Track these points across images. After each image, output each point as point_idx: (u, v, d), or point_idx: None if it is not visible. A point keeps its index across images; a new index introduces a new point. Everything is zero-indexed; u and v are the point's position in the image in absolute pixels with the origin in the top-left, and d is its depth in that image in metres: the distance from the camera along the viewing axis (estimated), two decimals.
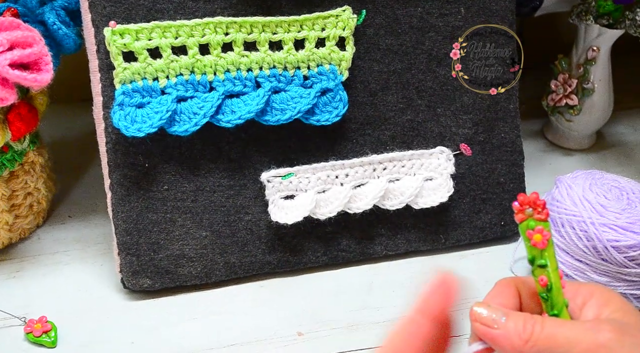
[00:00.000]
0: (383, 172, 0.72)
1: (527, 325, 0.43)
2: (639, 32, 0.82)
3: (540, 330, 0.43)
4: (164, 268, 0.69)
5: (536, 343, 0.43)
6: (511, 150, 0.77)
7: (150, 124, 0.65)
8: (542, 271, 0.44)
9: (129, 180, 0.67)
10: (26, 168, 0.73)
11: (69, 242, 0.76)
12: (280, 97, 0.69)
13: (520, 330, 0.43)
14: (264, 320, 0.68)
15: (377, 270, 0.74)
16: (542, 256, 0.44)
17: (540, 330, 0.43)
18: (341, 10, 0.69)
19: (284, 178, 0.70)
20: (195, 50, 0.66)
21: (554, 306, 0.45)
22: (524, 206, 0.43)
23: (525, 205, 0.43)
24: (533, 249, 0.44)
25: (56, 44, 0.70)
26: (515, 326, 0.43)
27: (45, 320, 0.66)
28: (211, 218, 0.70)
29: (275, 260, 0.72)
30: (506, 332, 0.43)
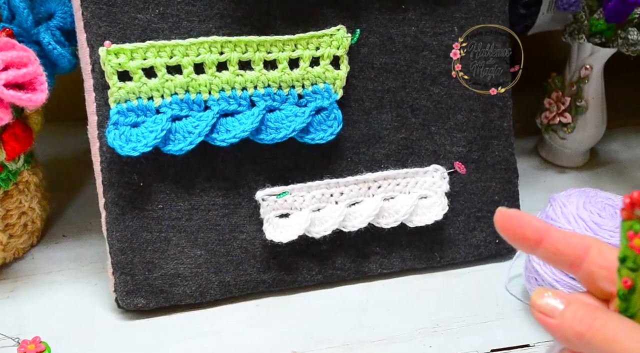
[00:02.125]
0: (378, 190, 0.73)
1: (586, 318, 0.39)
2: (631, 50, 0.83)
3: (599, 328, 0.38)
4: (159, 288, 0.69)
5: (591, 341, 0.38)
6: (505, 168, 0.77)
7: (145, 143, 0.65)
8: (629, 273, 0.40)
9: (123, 199, 0.67)
10: (20, 187, 0.73)
11: (63, 262, 0.76)
12: (274, 116, 0.69)
13: (577, 322, 0.39)
14: (259, 339, 0.68)
15: (372, 288, 0.74)
16: (635, 260, 0.40)
17: (599, 328, 0.38)
18: (335, 30, 0.69)
19: (279, 196, 0.70)
20: (190, 69, 0.66)
21: (629, 308, 0.41)
22: (634, 206, 0.41)
23: (636, 205, 0.41)
24: (628, 250, 0.40)
25: (51, 64, 0.70)
26: (572, 317, 0.39)
27: (39, 341, 0.65)
28: (206, 237, 0.70)
29: (270, 279, 0.72)
30: (562, 321, 0.39)
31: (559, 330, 0.39)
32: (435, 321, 0.70)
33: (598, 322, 0.38)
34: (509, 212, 0.42)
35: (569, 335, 0.39)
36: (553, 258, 0.43)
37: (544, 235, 0.42)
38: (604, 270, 0.41)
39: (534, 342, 0.68)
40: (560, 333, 0.39)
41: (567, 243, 0.42)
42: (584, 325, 0.38)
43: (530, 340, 0.68)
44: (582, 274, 0.42)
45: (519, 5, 0.87)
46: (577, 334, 0.38)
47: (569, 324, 0.39)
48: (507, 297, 0.73)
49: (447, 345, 0.68)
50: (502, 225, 0.42)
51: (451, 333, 0.69)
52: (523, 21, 0.90)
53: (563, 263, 0.43)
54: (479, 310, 0.72)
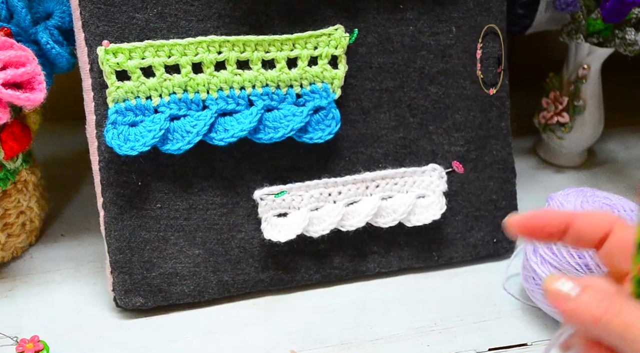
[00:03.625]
0: (376, 189, 0.73)
1: (603, 302, 0.38)
2: (629, 50, 0.83)
3: (617, 313, 0.38)
4: (157, 287, 0.69)
5: (609, 325, 0.38)
6: (503, 167, 0.77)
7: (143, 143, 0.65)
8: None
9: (121, 199, 0.67)
10: (19, 187, 0.73)
11: (61, 261, 0.76)
12: (273, 115, 0.69)
13: (594, 306, 0.38)
14: (257, 339, 0.68)
15: (370, 287, 0.74)
16: None
17: (616, 313, 0.38)
18: (333, 29, 0.69)
19: (277, 196, 0.70)
20: (188, 68, 0.66)
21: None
22: None
23: None
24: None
25: (49, 63, 0.71)
26: (589, 301, 0.38)
27: (37, 340, 0.65)
28: (204, 236, 0.70)
29: (268, 278, 0.72)
30: (578, 306, 0.39)
31: (575, 314, 0.38)
32: (433, 320, 0.70)
33: (615, 307, 0.38)
34: (520, 215, 0.42)
35: (585, 320, 0.38)
36: (577, 242, 0.43)
37: (569, 225, 0.42)
38: (623, 250, 0.41)
39: (531, 341, 0.68)
40: (576, 317, 0.39)
41: (591, 227, 0.42)
42: (601, 309, 0.38)
43: (527, 339, 0.68)
44: (602, 253, 0.42)
45: (517, 5, 0.88)
46: (594, 318, 0.38)
47: (585, 308, 0.38)
48: (505, 296, 0.73)
49: (445, 344, 0.68)
50: (522, 229, 0.43)
51: (449, 332, 0.69)
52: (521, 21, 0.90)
53: (586, 244, 0.43)
54: (477, 310, 0.72)
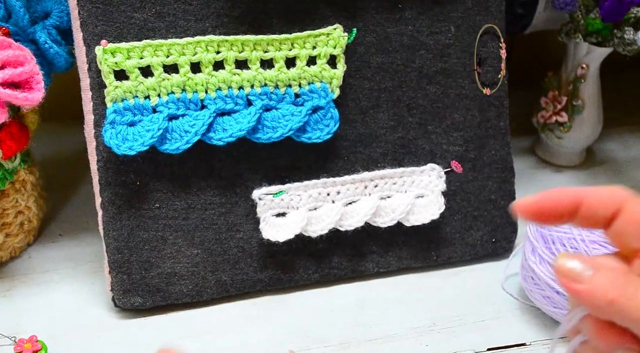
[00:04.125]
0: (374, 189, 0.73)
1: (617, 284, 0.37)
2: (628, 49, 0.83)
3: (632, 295, 0.36)
4: (155, 287, 0.69)
5: (624, 308, 0.36)
6: (502, 167, 0.77)
7: (142, 142, 0.65)
8: None
9: (120, 199, 0.67)
10: (17, 186, 0.73)
11: (59, 261, 0.76)
12: (271, 115, 0.69)
13: (608, 288, 0.37)
14: (255, 338, 0.68)
15: (369, 287, 0.74)
16: None
17: (632, 294, 0.36)
18: (332, 29, 0.69)
19: (276, 195, 0.70)
20: (187, 68, 0.66)
21: None
22: None
23: None
24: None
25: (47, 63, 0.70)
26: (603, 283, 0.37)
27: (35, 340, 0.65)
28: (202, 236, 0.70)
29: (267, 278, 0.72)
30: (592, 287, 0.37)
31: (589, 296, 0.37)
32: (432, 320, 0.70)
33: (631, 289, 0.37)
34: (528, 198, 0.40)
35: (599, 302, 0.37)
36: (587, 222, 0.41)
37: (580, 204, 0.40)
38: (634, 227, 0.39)
39: (530, 341, 0.68)
40: (589, 300, 0.37)
41: (602, 205, 0.40)
42: (616, 291, 0.36)
43: (526, 339, 0.68)
44: (613, 231, 0.40)
45: (516, 5, 0.88)
46: (609, 301, 0.36)
47: (600, 290, 0.37)
48: (504, 295, 0.73)
49: (444, 343, 0.68)
50: (532, 213, 0.40)
51: (448, 332, 0.69)
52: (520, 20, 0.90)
53: (597, 224, 0.41)
54: (476, 309, 0.72)
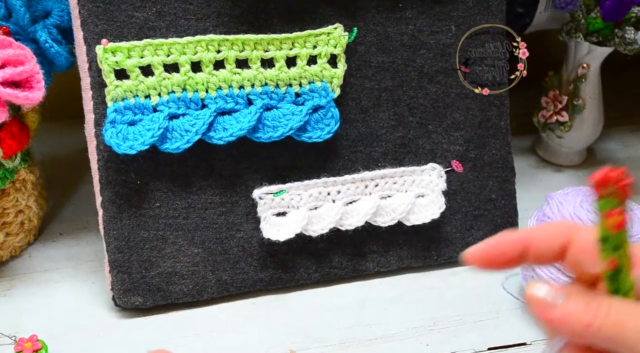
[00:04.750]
0: (375, 188, 0.73)
1: (590, 306, 0.37)
2: (628, 49, 0.83)
3: (607, 315, 0.36)
4: (156, 286, 0.69)
5: (601, 329, 0.36)
6: (502, 166, 0.77)
7: (142, 142, 0.65)
8: (612, 253, 0.38)
9: (120, 198, 0.67)
10: (17, 186, 0.73)
11: (60, 260, 0.76)
12: (272, 114, 0.69)
13: (582, 312, 0.36)
14: (256, 338, 0.68)
15: (369, 286, 0.74)
16: (616, 238, 0.38)
17: (606, 314, 0.36)
18: (333, 28, 0.69)
19: (276, 195, 0.70)
20: (187, 67, 0.66)
21: (619, 289, 0.39)
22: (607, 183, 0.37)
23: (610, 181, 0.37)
24: (607, 230, 0.38)
25: (48, 62, 0.70)
26: (576, 308, 0.37)
27: (35, 339, 0.65)
28: (203, 235, 0.70)
29: (267, 277, 0.72)
30: (566, 314, 0.37)
31: (564, 323, 0.37)
32: (432, 319, 0.70)
33: (603, 309, 0.36)
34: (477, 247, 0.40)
35: (575, 327, 0.37)
36: (539, 259, 0.41)
37: (527, 245, 0.40)
38: (588, 254, 0.39)
39: (530, 340, 0.68)
40: (565, 327, 0.37)
41: (549, 241, 0.40)
42: (590, 314, 0.36)
43: (526, 339, 0.68)
44: (568, 262, 0.41)
45: (517, 4, 0.87)
46: (585, 325, 0.36)
47: (574, 315, 0.37)
48: (504, 295, 0.73)
49: (444, 343, 0.68)
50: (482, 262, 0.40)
51: (448, 331, 0.69)
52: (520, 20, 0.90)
53: (549, 260, 0.41)
54: (476, 309, 0.72)
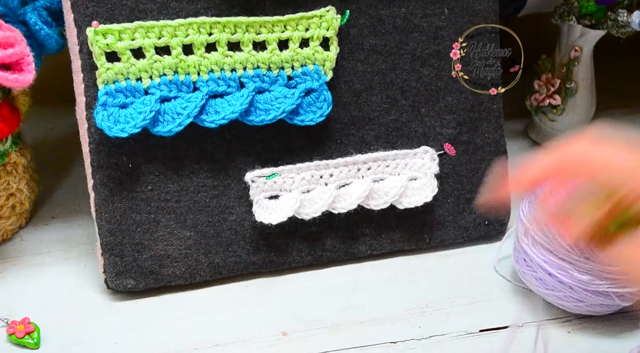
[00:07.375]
0: (367, 172, 0.73)
1: None
2: (621, 32, 0.83)
3: None
4: (148, 269, 0.69)
5: None
6: (495, 150, 0.77)
7: (134, 125, 0.65)
8: None
9: (112, 181, 0.67)
10: (8, 169, 0.73)
11: (52, 243, 0.76)
12: (264, 98, 0.68)
13: None
14: (248, 320, 0.68)
15: (362, 269, 0.74)
16: None
17: None
18: (325, 11, 0.69)
19: (268, 178, 0.70)
20: (179, 50, 0.66)
21: None
22: None
23: None
24: None
25: (38, 45, 0.70)
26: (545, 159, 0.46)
27: (28, 322, 0.65)
28: (195, 218, 0.69)
29: (260, 260, 0.72)
30: None
31: None
32: (424, 302, 0.70)
33: None
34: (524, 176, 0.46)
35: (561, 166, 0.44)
36: None
37: None
38: None
39: (522, 322, 0.68)
40: None
41: None
42: None
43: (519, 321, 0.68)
44: None
45: None
46: None
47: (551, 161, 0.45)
48: (496, 278, 0.74)
49: (436, 325, 0.68)
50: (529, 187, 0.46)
51: (440, 313, 0.69)
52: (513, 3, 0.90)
53: None
54: (468, 291, 0.72)
